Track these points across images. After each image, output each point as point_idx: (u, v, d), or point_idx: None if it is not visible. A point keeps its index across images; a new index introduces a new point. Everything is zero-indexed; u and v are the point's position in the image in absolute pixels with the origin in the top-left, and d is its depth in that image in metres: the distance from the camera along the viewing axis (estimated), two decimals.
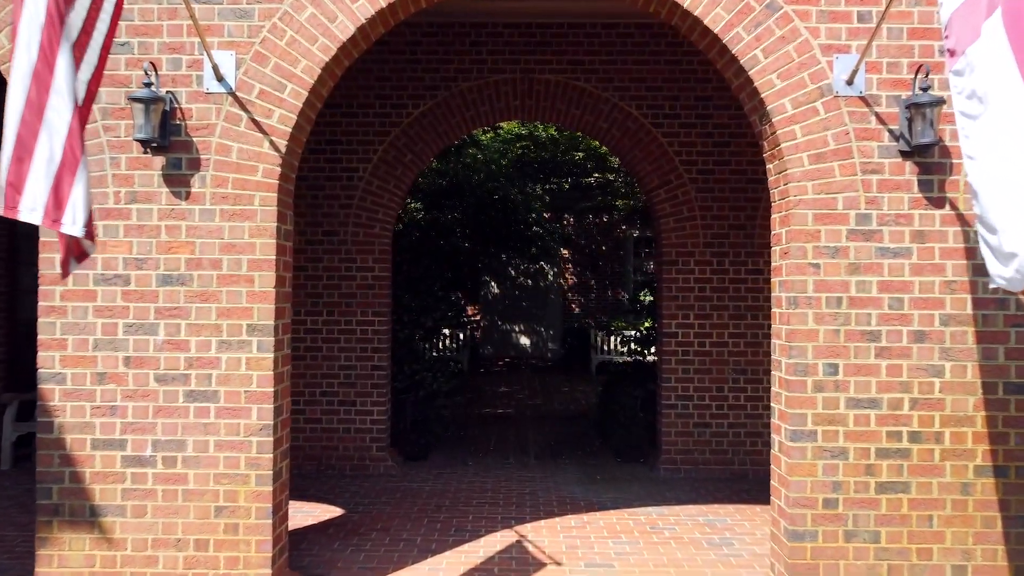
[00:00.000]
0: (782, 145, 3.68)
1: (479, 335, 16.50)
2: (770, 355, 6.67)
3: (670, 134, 6.62)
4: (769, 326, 6.61)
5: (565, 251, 16.45)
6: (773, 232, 3.96)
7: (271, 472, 3.60)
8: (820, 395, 3.63)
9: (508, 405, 10.40)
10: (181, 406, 3.59)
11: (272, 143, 3.65)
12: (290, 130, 3.66)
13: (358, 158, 6.63)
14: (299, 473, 6.47)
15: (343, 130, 6.63)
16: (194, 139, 3.63)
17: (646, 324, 15.15)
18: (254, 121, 3.64)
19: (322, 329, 6.62)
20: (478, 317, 16.48)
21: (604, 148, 9.16)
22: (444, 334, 14.22)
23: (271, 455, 3.60)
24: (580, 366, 14.89)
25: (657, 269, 6.89)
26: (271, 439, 3.60)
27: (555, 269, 16.57)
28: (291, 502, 5.60)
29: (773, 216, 3.97)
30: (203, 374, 3.59)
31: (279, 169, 3.67)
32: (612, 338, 14.34)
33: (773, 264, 3.98)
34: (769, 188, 3.97)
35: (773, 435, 3.91)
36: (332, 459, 6.58)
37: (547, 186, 14.90)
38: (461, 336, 14.41)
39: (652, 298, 9.37)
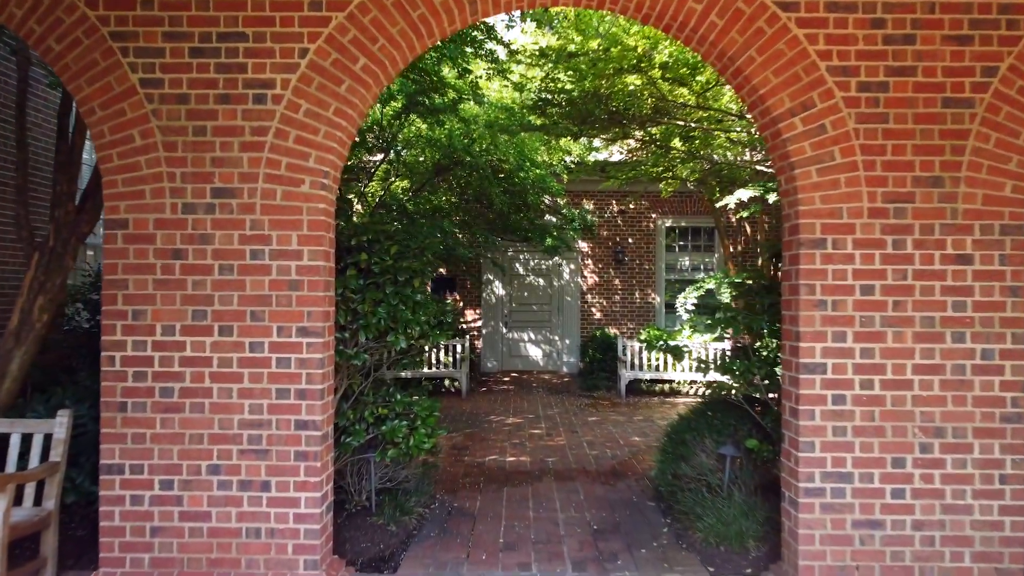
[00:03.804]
0: None
1: (480, 345, 13.71)
2: (991, 403, 3.70)
3: (810, 22, 3.85)
4: (987, 353, 3.87)
5: (585, 244, 13.66)
6: None
7: None
8: None
9: (521, 448, 7.62)
10: None
11: None
12: None
13: (274, 65, 3.86)
14: None
15: (249, 18, 3.86)
16: None
17: (683, 333, 12.39)
18: None
19: (211, 358, 3.84)
20: (479, 323, 13.71)
21: (680, 70, 6.21)
22: (439, 345, 11.47)
23: None
24: (605, 384, 12.11)
25: (786, 257, 4.11)
26: None
27: (572, 265, 13.78)
28: None
29: None
30: None
31: None
32: (644, 351, 11.56)
33: None
34: None
35: None
36: None
37: (569, 154, 12.08)
38: (459, 348, 11.63)
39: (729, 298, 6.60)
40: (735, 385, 5.05)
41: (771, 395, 5.08)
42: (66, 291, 5.60)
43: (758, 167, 7.33)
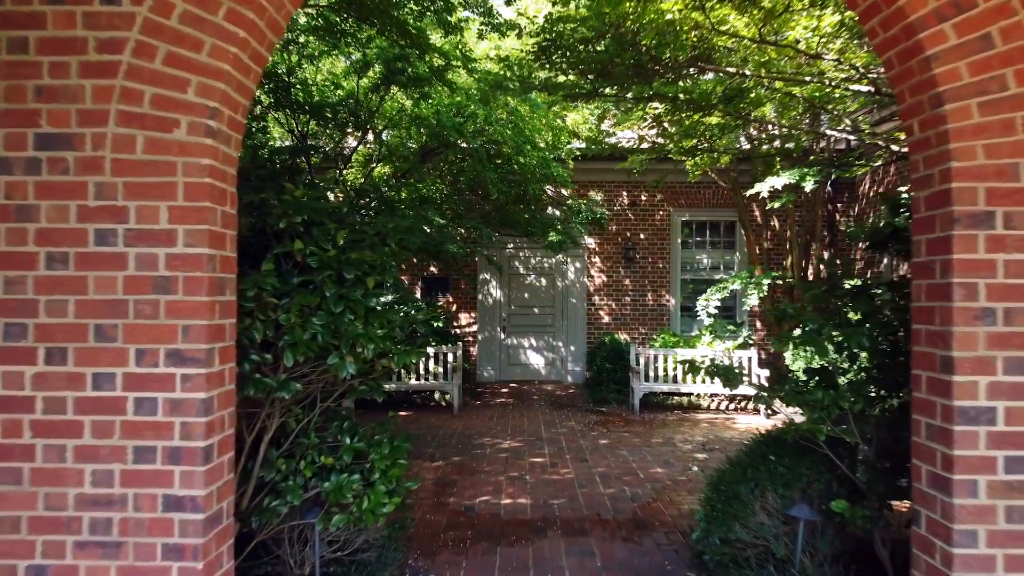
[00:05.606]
0: None
1: (475, 352, 12.34)
2: None
3: None
4: None
5: (591, 240, 12.28)
6: None
7: None
8: None
9: (520, 485, 6.24)
10: None
11: None
12: None
13: None
14: None
15: None
16: None
17: (702, 340, 11.03)
18: None
19: (33, 399, 2.48)
20: (475, 328, 12.34)
21: None
22: (429, 354, 10.10)
23: None
24: (616, 396, 10.72)
25: (922, 243, 2.72)
26: None
27: (577, 264, 12.41)
28: None
29: None
30: None
31: None
32: (660, 358, 10.20)
33: None
34: None
35: None
36: None
37: (577, 136, 10.70)
38: (450, 356, 10.27)
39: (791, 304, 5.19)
40: (818, 425, 3.64)
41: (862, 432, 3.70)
42: None
43: (830, 131, 5.93)
